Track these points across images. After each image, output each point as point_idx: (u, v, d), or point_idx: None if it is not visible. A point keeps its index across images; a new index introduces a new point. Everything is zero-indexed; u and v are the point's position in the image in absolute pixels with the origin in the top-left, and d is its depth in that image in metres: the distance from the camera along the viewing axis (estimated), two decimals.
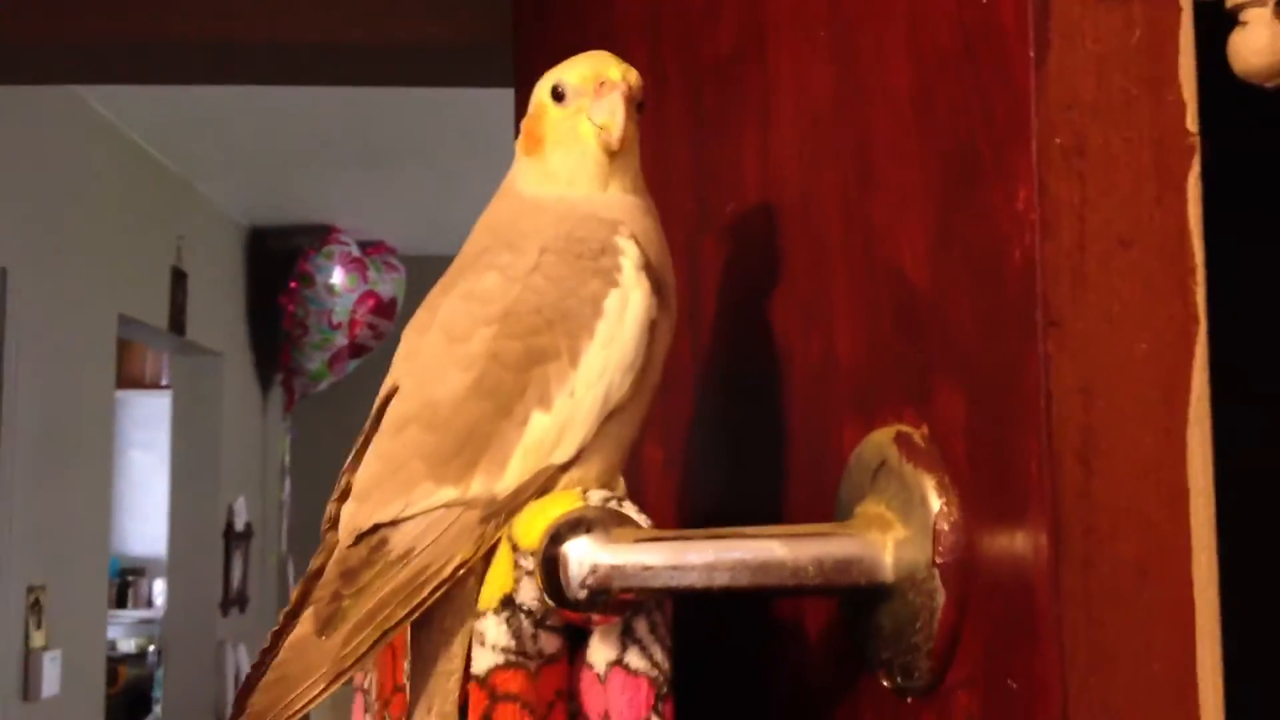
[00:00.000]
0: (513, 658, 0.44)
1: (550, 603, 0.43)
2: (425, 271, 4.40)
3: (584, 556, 0.41)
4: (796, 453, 0.53)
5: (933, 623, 0.42)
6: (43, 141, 2.80)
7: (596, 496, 0.45)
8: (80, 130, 3.01)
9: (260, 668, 0.45)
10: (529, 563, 0.44)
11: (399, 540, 0.45)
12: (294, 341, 3.99)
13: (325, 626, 0.44)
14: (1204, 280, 0.39)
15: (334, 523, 0.49)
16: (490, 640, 0.44)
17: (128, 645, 4.82)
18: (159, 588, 4.96)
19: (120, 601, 4.89)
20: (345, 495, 0.48)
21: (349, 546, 0.45)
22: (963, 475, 0.41)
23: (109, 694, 3.36)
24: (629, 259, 0.49)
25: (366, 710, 0.86)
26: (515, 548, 0.44)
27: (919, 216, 0.44)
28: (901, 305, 0.45)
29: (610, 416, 0.47)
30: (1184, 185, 0.39)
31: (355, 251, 4.00)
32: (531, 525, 0.44)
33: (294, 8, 1.63)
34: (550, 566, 0.42)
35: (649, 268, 0.49)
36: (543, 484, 0.46)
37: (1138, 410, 0.38)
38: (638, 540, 0.42)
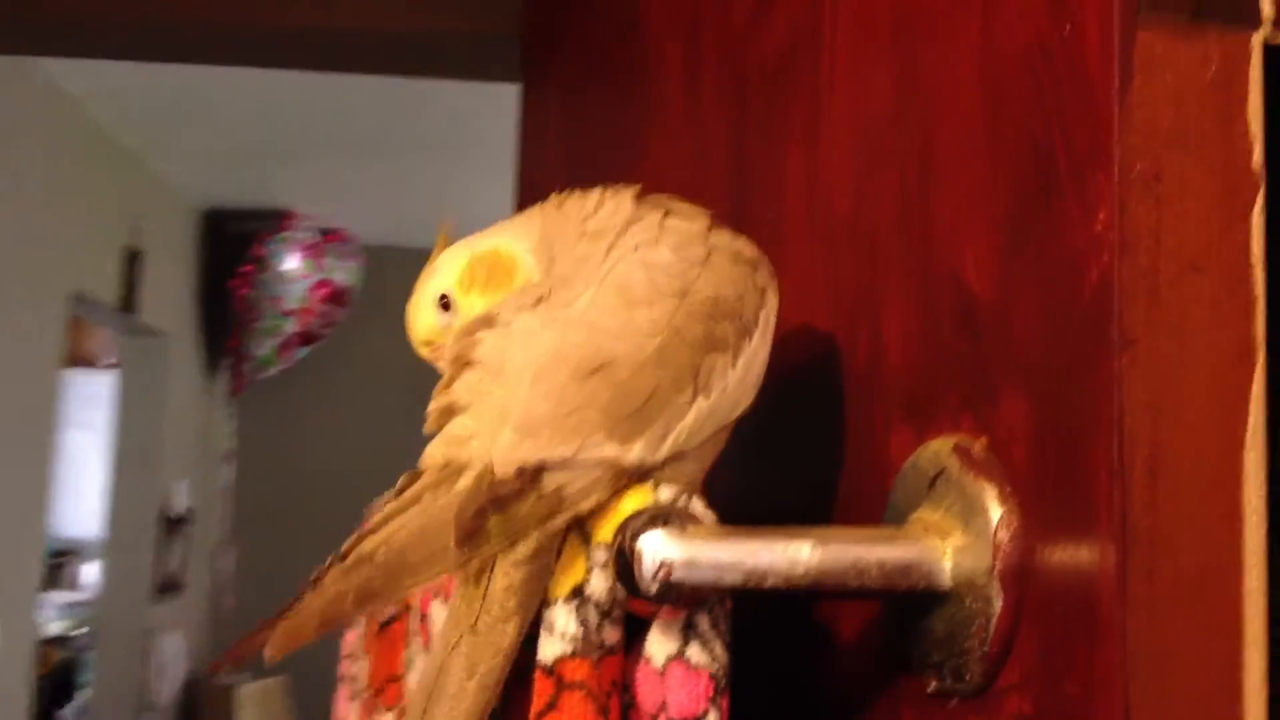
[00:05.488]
0: (580, 646, 0.45)
1: (621, 595, 0.44)
2: (384, 261, 4.32)
3: (659, 550, 0.43)
4: (840, 456, 0.54)
5: (989, 627, 0.43)
6: None
7: (667, 493, 0.46)
8: (36, 104, 2.96)
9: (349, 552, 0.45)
10: (601, 555, 0.45)
11: (552, 480, 0.45)
12: (244, 326, 3.96)
13: (466, 540, 0.44)
14: (1264, 311, 0.41)
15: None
16: (559, 629, 0.45)
17: (55, 628, 4.74)
18: (89, 571, 4.88)
19: (50, 583, 4.80)
20: (440, 418, 0.49)
21: (508, 476, 0.45)
22: (1024, 484, 0.43)
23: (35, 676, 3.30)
24: (773, 284, 0.52)
25: (353, 698, 0.86)
26: (587, 540, 0.45)
27: (985, 228, 0.46)
28: (963, 313, 0.47)
29: None
30: (1249, 217, 0.41)
31: (313, 238, 3.97)
32: (605, 519, 0.45)
33: None
34: (625, 559, 0.43)
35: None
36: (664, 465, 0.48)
37: (1201, 428, 0.40)
38: (712, 536, 0.43)
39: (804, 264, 0.59)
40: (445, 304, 0.54)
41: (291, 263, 3.91)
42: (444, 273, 0.54)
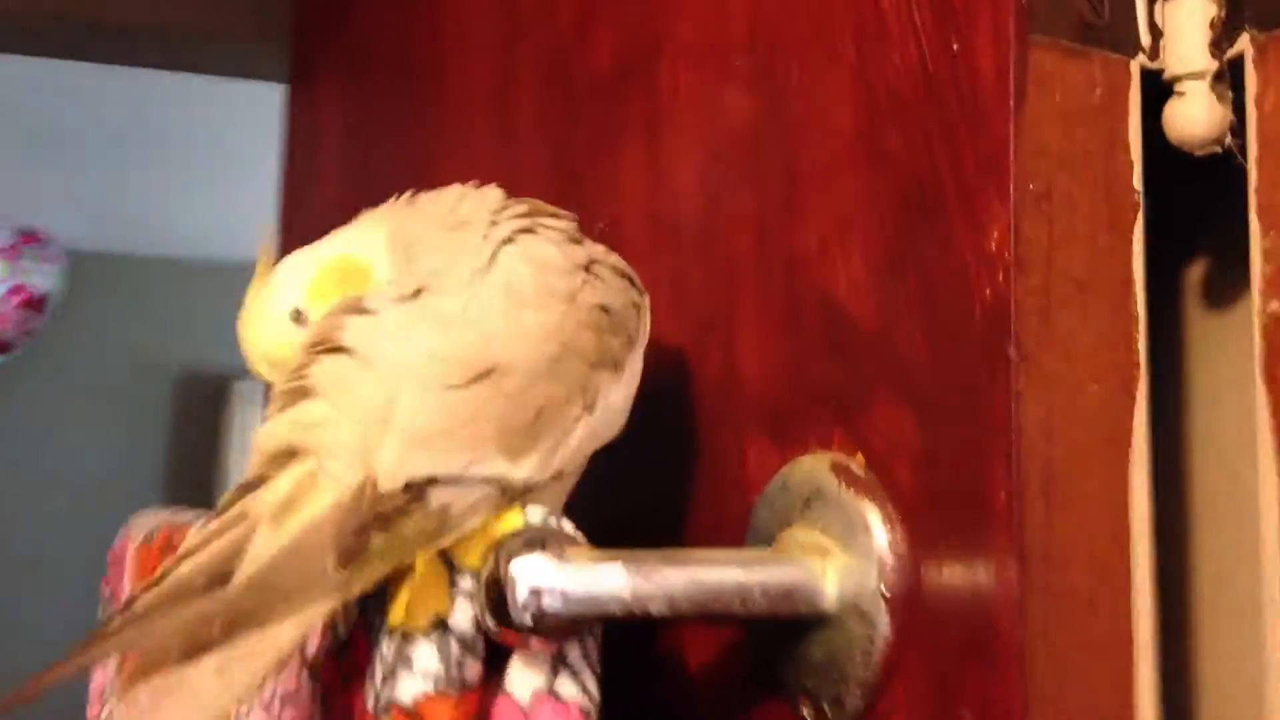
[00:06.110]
0: (442, 685, 0.41)
1: (490, 626, 0.40)
2: (89, 267, 4.01)
3: (536, 577, 0.39)
4: (691, 475, 0.52)
5: (873, 651, 0.42)
6: None
7: (537, 514, 0.42)
8: None
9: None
10: (468, 583, 0.41)
11: (438, 496, 0.41)
12: None
13: (348, 559, 0.39)
14: (1145, 331, 0.41)
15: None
16: (420, 666, 0.41)
17: None
18: None
19: None
20: (287, 400, 0.43)
21: (395, 491, 0.40)
22: (910, 504, 0.42)
23: None
24: (645, 301, 0.50)
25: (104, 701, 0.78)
26: (449, 565, 0.42)
27: (861, 247, 0.45)
28: (835, 331, 0.46)
29: None
30: (1130, 238, 0.42)
31: (8, 239, 3.66)
32: (473, 542, 0.41)
33: None
34: (498, 587, 0.40)
35: None
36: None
37: (1090, 447, 0.40)
38: (590, 561, 0.40)
39: (643, 275, 0.56)
40: (299, 318, 0.49)
41: None
42: (290, 284, 0.49)
